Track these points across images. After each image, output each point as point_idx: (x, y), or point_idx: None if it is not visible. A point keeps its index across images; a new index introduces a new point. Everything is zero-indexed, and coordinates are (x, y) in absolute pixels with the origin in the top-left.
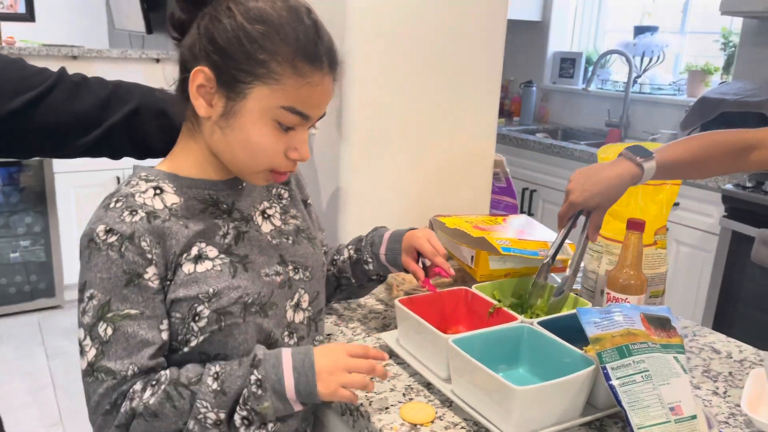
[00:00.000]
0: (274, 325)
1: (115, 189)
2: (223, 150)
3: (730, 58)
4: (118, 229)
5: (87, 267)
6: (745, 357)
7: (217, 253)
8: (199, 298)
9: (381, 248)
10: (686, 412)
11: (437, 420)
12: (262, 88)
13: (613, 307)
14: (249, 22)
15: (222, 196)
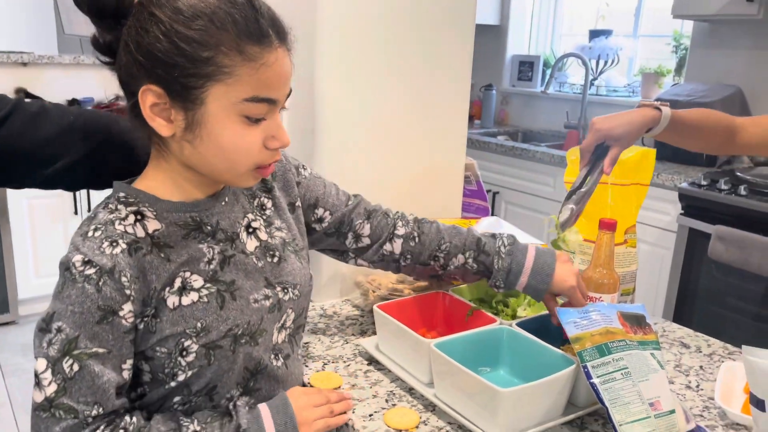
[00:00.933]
0: (263, 351)
1: (93, 211)
2: (198, 163)
3: (681, 60)
4: (97, 262)
5: (59, 297)
6: (713, 351)
7: (203, 283)
8: (187, 333)
9: (521, 279)
10: (665, 407)
11: (421, 425)
12: (217, 87)
13: (590, 307)
14: (179, 23)
15: (205, 217)
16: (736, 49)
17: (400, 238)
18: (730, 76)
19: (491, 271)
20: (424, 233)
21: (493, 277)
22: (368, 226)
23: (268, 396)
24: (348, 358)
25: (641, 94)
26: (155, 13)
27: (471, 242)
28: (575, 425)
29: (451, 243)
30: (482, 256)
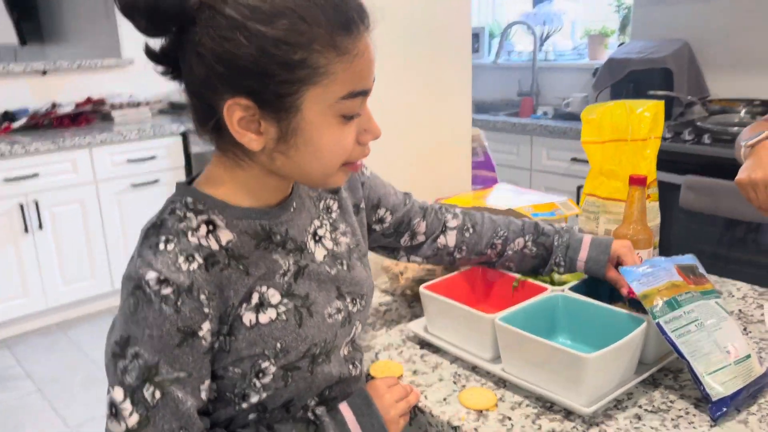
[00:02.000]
0: (338, 366)
1: (157, 218)
2: (291, 172)
3: (625, 19)
4: (174, 280)
5: (133, 320)
6: (744, 294)
7: (280, 298)
8: (265, 354)
9: (581, 254)
10: (741, 353)
11: (499, 402)
12: (312, 90)
13: (648, 263)
14: (262, 23)
15: (274, 226)
16: (679, 3)
17: (454, 230)
18: (675, 31)
19: (550, 252)
20: (478, 223)
21: (553, 254)
22: (424, 223)
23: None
24: (398, 345)
25: (589, 55)
26: (231, 15)
27: (529, 226)
28: (648, 382)
29: (509, 229)
30: (542, 237)
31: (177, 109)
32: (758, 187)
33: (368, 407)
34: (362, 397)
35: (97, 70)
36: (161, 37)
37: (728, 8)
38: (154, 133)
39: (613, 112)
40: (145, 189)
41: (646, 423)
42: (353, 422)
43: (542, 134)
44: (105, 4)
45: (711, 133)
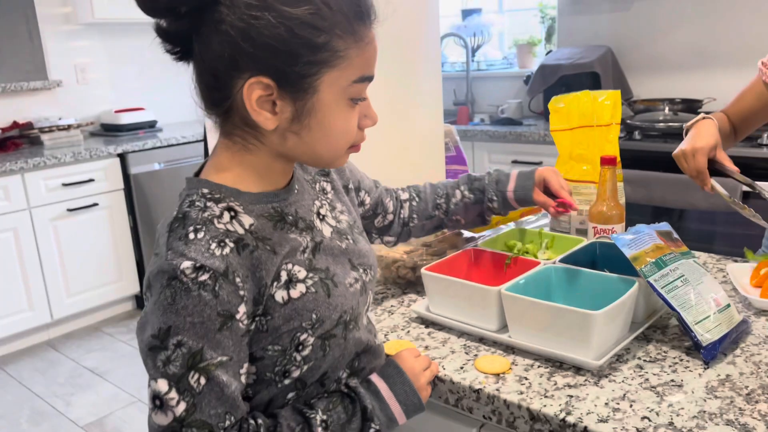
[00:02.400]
0: (365, 332)
1: (178, 212)
2: (301, 153)
3: (550, 29)
4: (210, 266)
5: (172, 310)
6: (705, 261)
7: (306, 273)
8: (303, 327)
9: (509, 185)
10: (722, 302)
11: (512, 366)
12: (330, 72)
13: (633, 230)
14: (293, 6)
15: (285, 207)
16: (600, 13)
17: (406, 202)
18: (597, 38)
19: (484, 192)
20: (421, 191)
21: (486, 193)
22: (390, 203)
23: (370, 371)
24: (403, 326)
25: (518, 64)
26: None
27: (463, 178)
28: (641, 338)
29: (447, 186)
30: (475, 183)
31: (110, 131)
32: (687, 156)
33: (399, 375)
34: (392, 366)
35: (22, 93)
36: (175, 16)
37: (645, 16)
38: (90, 155)
39: (580, 101)
40: (83, 213)
41: (648, 371)
42: (386, 390)
43: (483, 139)
44: (27, 26)
45: (640, 130)
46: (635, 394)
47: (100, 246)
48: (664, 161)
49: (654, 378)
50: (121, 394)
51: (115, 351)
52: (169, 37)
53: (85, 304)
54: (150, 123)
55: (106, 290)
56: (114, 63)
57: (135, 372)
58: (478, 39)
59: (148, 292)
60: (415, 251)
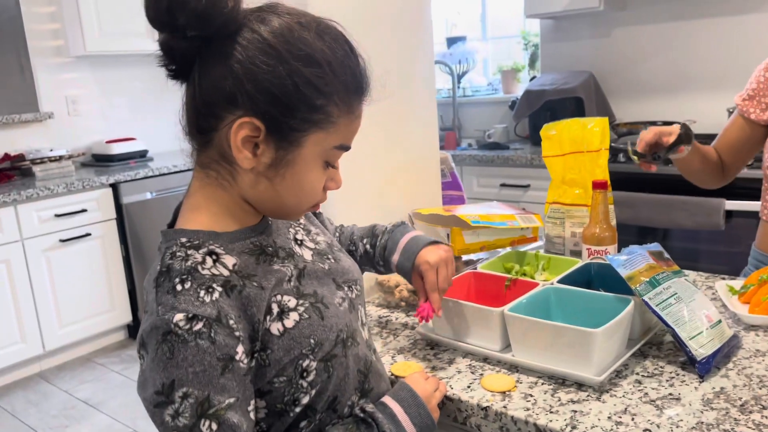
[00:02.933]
0: (365, 348)
1: (160, 266)
2: (267, 199)
3: (533, 55)
4: (202, 314)
5: (172, 364)
6: (694, 279)
7: (296, 301)
8: (304, 354)
9: (394, 256)
10: (714, 318)
11: (517, 384)
12: (318, 133)
13: (626, 251)
14: (304, 65)
15: (263, 240)
16: (581, 39)
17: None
18: (579, 63)
19: (374, 252)
20: (344, 233)
21: (375, 256)
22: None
23: (379, 393)
24: (410, 348)
25: (503, 90)
26: (276, 47)
27: (368, 230)
28: (637, 355)
29: (358, 235)
30: (374, 239)
31: (102, 161)
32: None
33: (414, 398)
34: (406, 390)
35: (14, 126)
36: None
37: (625, 41)
38: (83, 186)
39: (570, 128)
40: (75, 244)
41: (647, 385)
42: (401, 413)
43: (471, 164)
44: (19, 59)
45: (624, 152)
46: (636, 408)
47: (92, 276)
48: (649, 182)
49: (653, 392)
50: (116, 425)
51: (108, 381)
52: (172, 54)
53: (77, 334)
54: (141, 152)
55: (99, 320)
56: (105, 94)
57: (128, 402)
58: (464, 66)
59: (142, 350)
60: None
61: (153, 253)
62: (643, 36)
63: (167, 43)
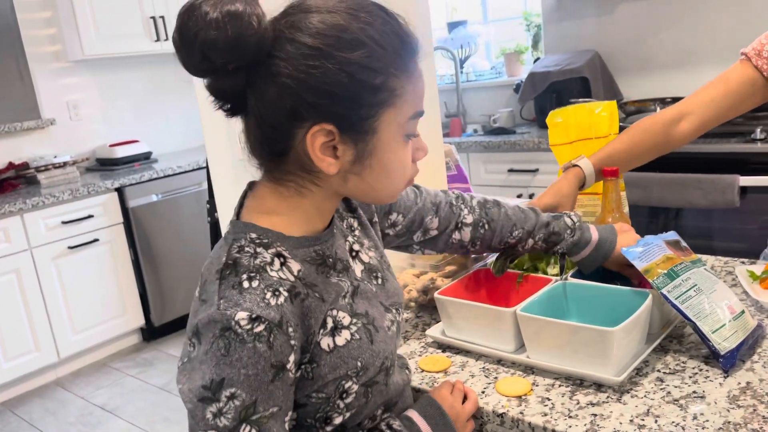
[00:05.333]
0: (399, 374)
1: (227, 257)
2: (361, 192)
3: (536, 36)
4: (265, 316)
5: (225, 362)
6: (712, 265)
7: (350, 319)
8: (348, 375)
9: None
10: (736, 309)
11: (533, 386)
12: (388, 111)
13: (642, 242)
14: (350, 51)
15: (326, 249)
16: (584, 17)
17: (469, 227)
18: (583, 42)
19: (557, 243)
20: (493, 220)
21: (558, 246)
22: (437, 220)
23: (402, 406)
24: (420, 352)
25: (507, 73)
26: (315, 45)
27: (540, 226)
28: (658, 350)
29: (523, 229)
30: (553, 237)
31: (106, 165)
32: None
33: (442, 417)
34: (434, 407)
35: (16, 134)
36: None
37: (629, 18)
38: (88, 191)
39: (577, 114)
40: (83, 250)
41: (669, 383)
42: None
43: (477, 150)
44: (18, 66)
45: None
46: (659, 409)
47: (102, 281)
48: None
49: (676, 390)
50: (133, 430)
51: (124, 386)
52: (224, 95)
53: (91, 340)
54: (145, 155)
55: (112, 325)
56: (106, 97)
57: (145, 407)
58: (465, 50)
59: (194, 338)
60: (424, 274)
61: (163, 255)
62: (648, 12)
63: (214, 87)
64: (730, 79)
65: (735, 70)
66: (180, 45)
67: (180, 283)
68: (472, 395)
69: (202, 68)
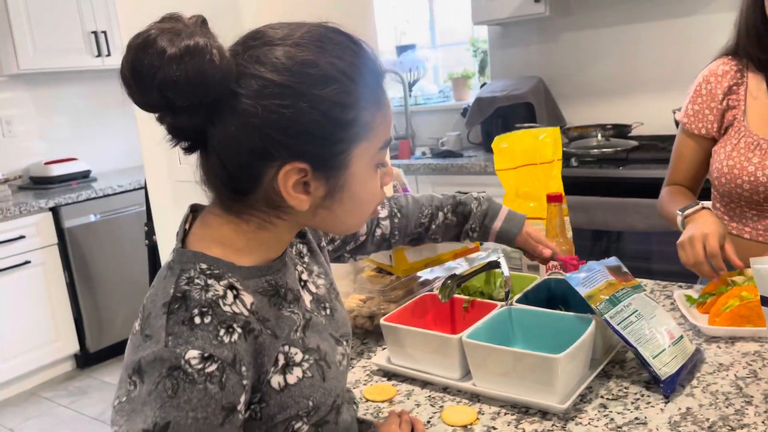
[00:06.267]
0: (348, 411)
1: (175, 289)
2: (328, 224)
3: (483, 62)
4: (218, 355)
5: (172, 404)
6: (652, 288)
7: (302, 355)
8: (299, 415)
9: (496, 223)
10: (675, 334)
11: (479, 415)
12: (360, 145)
13: (585, 268)
14: (321, 88)
15: (278, 279)
16: (530, 45)
17: (386, 220)
18: (529, 69)
19: (467, 218)
20: (403, 206)
21: (470, 220)
22: (363, 225)
23: None
24: (365, 380)
25: (454, 97)
26: (286, 83)
27: (447, 199)
28: (601, 375)
29: (432, 205)
30: (460, 207)
31: (41, 184)
32: (695, 241)
33: None
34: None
35: None
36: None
37: (572, 46)
38: (20, 211)
39: (522, 140)
40: (14, 272)
41: (612, 409)
42: None
43: (426, 173)
44: None
45: (576, 157)
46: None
47: (34, 305)
48: (602, 186)
49: (618, 417)
50: None
51: (56, 416)
52: (182, 133)
53: (21, 368)
54: (83, 173)
55: (44, 352)
56: (42, 114)
57: None
58: (414, 74)
59: (136, 376)
60: (371, 299)
61: (100, 278)
62: (590, 40)
63: (172, 125)
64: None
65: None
66: (133, 82)
67: (119, 307)
68: (419, 425)
69: (158, 106)
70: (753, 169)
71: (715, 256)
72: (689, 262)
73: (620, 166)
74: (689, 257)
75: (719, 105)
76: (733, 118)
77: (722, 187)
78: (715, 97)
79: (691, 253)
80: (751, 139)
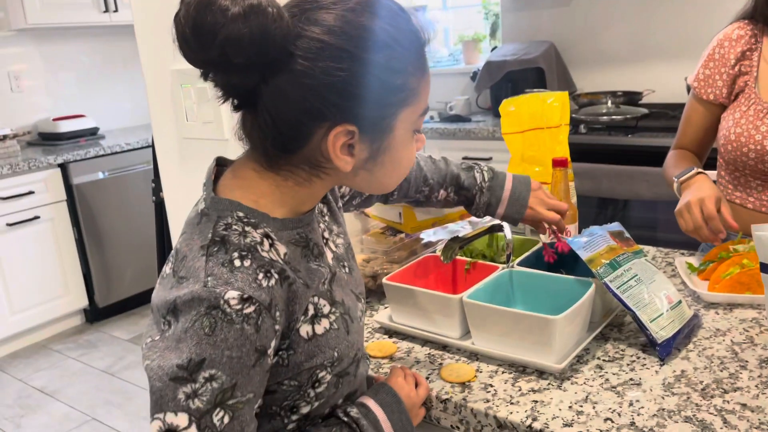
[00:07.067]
0: (363, 365)
1: (213, 234)
2: (366, 185)
3: (494, 25)
4: (257, 298)
5: (209, 341)
6: (654, 255)
7: (329, 308)
8: (324, 365)
9: (499, 210)
10: (674, 299)
11: (477, 373)
12: (405, 110)
13: (587, 233)
14: (375, 53)
15: (308, 232)
16: (541, 8)
17: None
18: (540, 33)
19: (472, 201)
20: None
21: (474, 208)
22: None
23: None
24: (367, 337)
25: (464, 60)
26: (344, 47)
27: (451, 178)
28: (599, 338)
29: (434, 180)
30: (463, 191)
31: (49, 140)
32: (692, 206)
33: (397, 404)
34: (390, 395)
35: None
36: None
37: (585, 11)
38: (29, 167)
39: (530, 104)
40: (23, 227)
41: (608, 370)
42: (385, 420)
43: (433, 137)
44: None
45: (585, 123)
46: (597, 396)
47: (44, 260)
48: (610, 153)
49: (614, 378)
50: (73, 413)
51: (65, 369)
52: (234, 90)
53: (30, 321)
54: (91, 130)
55: (53, 306)
56: (50, 69)
57: (87, 390)
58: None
59: (170, 316)
60: (374, 259)
61: (109, 235)
62: (603, 5)
63: (225, 82)
64: (692, 120)
65: (692, 108)
66: (193, 39)
67: (126, 263)
68: (424, 381)
69: (215, 63)
70: (760, 137)
71: (713, 218)
72: (688, 227)
73: (629, 134)
74: (688, 223)
75: (731, 70)
76: (744, 85)
77: (728, 154)
78: (728, 62)
79: (690, 219)
80: (761, 107)
